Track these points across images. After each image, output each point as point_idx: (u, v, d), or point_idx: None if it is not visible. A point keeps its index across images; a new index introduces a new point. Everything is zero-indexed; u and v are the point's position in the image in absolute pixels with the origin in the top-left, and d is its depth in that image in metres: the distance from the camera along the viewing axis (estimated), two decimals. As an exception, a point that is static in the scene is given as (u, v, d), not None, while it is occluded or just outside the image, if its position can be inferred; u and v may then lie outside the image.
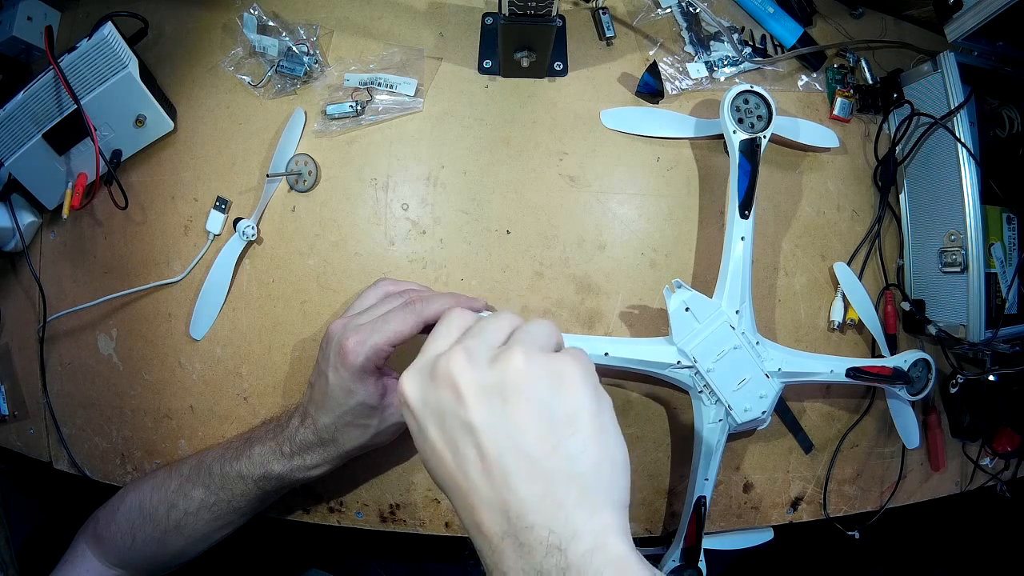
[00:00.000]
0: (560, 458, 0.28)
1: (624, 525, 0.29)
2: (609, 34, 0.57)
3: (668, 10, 0.59)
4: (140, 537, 0.49)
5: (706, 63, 0.59)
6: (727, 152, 0.55)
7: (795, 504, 0.60)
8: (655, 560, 0.55)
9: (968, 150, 0.54)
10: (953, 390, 0.61)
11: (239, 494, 0.48)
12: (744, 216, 0.52)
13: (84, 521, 0.53)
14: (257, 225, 0.55)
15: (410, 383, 0.32)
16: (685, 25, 0.59)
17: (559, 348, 0.34)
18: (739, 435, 0.58)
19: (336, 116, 0.55)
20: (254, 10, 0.56)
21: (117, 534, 0.50)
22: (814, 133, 0.59)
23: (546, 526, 0.27)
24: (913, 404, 0.60)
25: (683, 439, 0.57)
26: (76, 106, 0.51)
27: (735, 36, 0.59)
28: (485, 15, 0.58)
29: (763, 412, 0.51)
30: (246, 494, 0.48)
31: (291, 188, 0.56)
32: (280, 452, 0.47)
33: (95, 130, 0.52)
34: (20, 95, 0.52)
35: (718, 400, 0.51)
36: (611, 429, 0.30)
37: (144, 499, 0.50)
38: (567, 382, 0.30)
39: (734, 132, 0.52)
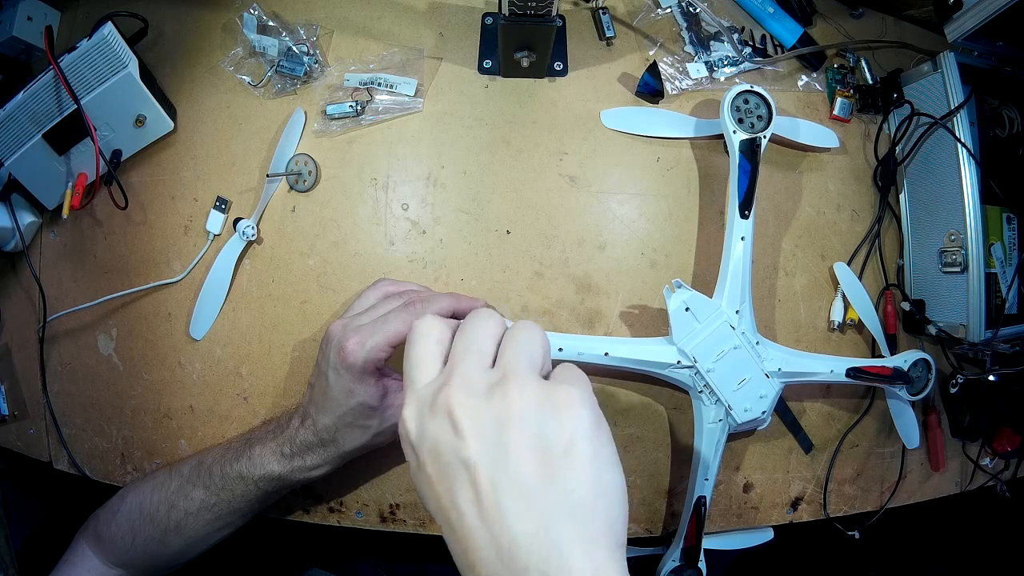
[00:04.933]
0: (556, 492, 0.27)
1: (622, 565, 0.27)
2: (609, 34, 0.57)
3: (668, 10, 0.59)
4: (140, 537, 0.49)
5: (706, 63, 0.59)
6: (727, 152, 0.55)
7: (795, 504, 0.60)
8: (655, 560, 0.55)
9: (968, 150, 0.54)
10: (953, 390, 0.61)
11: (239, 495, 0.48)
12: (744, 216, 0.52)
13: (84, 521, 0.53)
14: (257, 225, 0.55)
15: (410, 417, 0.31)
16: (685, 25, 0.59)
17: (546, 352, 0.33)
18: (739, 435, 0.58)
19: (336, 116, 0.55)
20: (254, 10, 0.56)
21: (117, 534, 0.50)
22: (814, 133, 0.59)
23: (540, 569, 0.25)
24: (913, 404, 0.60)
25: (683, 439, 0.57)
26: (76, 106, 0.51)
27: (735, 36, 0.59)
28: (485, 15, 0.58)
29: (763, 412, 0.51)
30: (246, 495, 0.48)
31: (291, 188, 0.56)
32: (280, 453, 0.47)
33: (95, 130, 0.52)
34: (20, 95, 0.52)
35: (718, 400, 0.51)
36: (609, 458, 0.29)
37: (144, 499, 0.50)
38: (564, 408, 0.29)
39: (734, 132, 0.52)
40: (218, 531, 0.50)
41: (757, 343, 0.51)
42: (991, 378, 0.59)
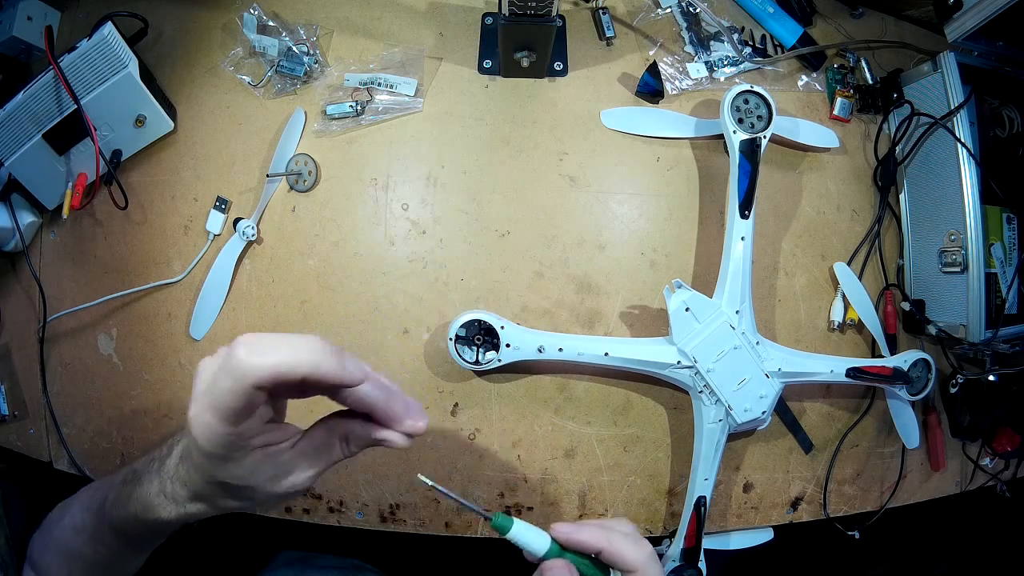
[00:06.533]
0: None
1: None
2: (609, 34, 0.57)
3: (668, 10, 0.59)
4: (78, 569, 0.43)
5: (706, 63, 0.59)
6: (727, 152, 0.55)
7: (795, 504, 0.60)
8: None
9: (968, 150, 0.54)
10: (953, 390, 0.61)
11: (155, 536, 0.40)
12: (744, 216, 0.52)
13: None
14: (257, 225, 0.55)
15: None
16: (685, 25, 0.59)
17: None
18: (739, 435, 0.58)
19: (336, 116, 0.55)
20: (254, 10, 0.56)
21: (52, 565, 0.44)
22: (814, 133, 0.59)
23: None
24: (913, 404, 0.60)
25: (683, 439, 0.57)
26: (76, 106, 0.51)
27: (735, 36, 0.59)
28: (485, 15, 0.58)
29: (763, 412, 0.51)
30: (162, 533, 0.40)
31: (291, 188, 0.56)
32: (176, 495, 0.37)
33: (95, 130, 0.52)
34: (20, 95, 0.52)
35: (718, 400, 0.51)
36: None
37: (68, 541, 0.43)
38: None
39: (734, 132, 0.52)
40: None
41: (757, 343, 0.51)
42: (991, 378, 0.59)
